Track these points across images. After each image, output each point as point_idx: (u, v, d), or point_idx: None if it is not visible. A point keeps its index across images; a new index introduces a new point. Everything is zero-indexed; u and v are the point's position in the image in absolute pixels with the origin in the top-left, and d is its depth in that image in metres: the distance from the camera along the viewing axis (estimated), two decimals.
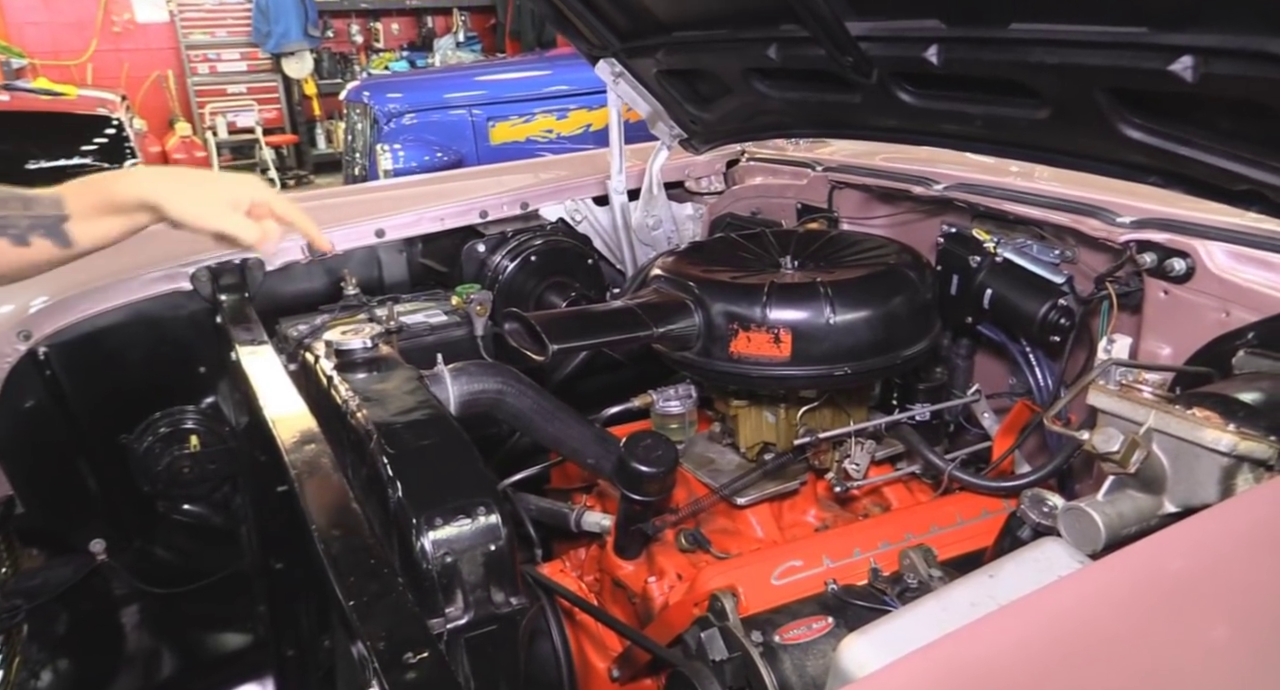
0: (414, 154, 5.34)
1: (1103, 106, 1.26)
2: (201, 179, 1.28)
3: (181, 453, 1.76)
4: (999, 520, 1.52)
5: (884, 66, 1.52)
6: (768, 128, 2.07)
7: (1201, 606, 0.72)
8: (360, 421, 1.23)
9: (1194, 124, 1.21)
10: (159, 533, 2.06)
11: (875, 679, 0.71)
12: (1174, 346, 1.41)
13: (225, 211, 1.25)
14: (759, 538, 1.60)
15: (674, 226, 2.39)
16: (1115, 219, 1.46)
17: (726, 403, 1.64)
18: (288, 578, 1.86)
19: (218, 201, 1.25)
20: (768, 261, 1.64)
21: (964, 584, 0.90)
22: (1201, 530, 0.81)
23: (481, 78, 5.68)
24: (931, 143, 1.66)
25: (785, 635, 1.14)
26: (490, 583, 1.06)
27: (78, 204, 1.20)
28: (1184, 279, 1.38)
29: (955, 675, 0.70)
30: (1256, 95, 1.06)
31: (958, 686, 0.69)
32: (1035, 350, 1.63)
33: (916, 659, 0.71)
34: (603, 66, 2.17)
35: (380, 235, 2.11)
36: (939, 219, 1.78)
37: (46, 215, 1.17)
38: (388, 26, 9.76)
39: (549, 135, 5.31)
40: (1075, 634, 0.70)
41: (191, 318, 1.98)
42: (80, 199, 1.20)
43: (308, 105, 9.60)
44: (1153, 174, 1.34)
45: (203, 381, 2.01)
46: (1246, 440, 1.01)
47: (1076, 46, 1.21)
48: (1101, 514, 1.03)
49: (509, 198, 2.24)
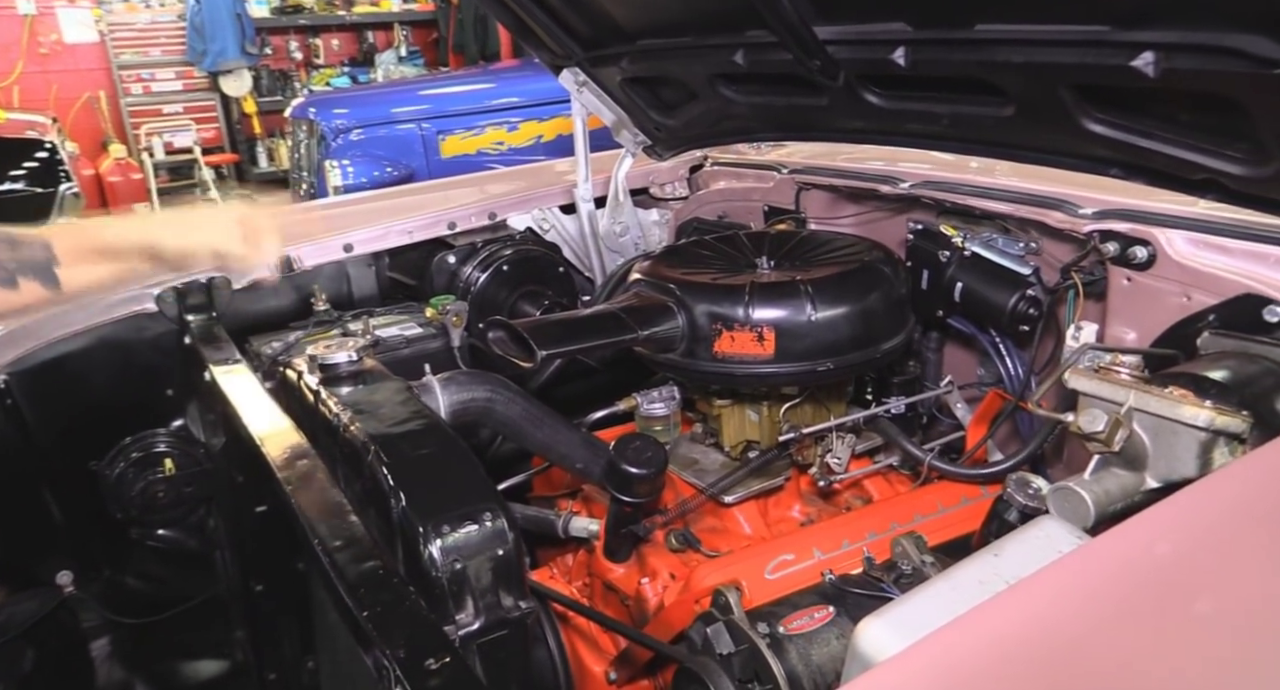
0: (363, 170, 5.29)
1: (1067, 102, 1.31)
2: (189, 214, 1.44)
3: (156, 477, 1.72)
4: (979, 506, 1.57)
5: (851, 69, 1.56)
6: (733, 132, 2.10)
7: (1195, 579, 0.76)
8: (355, 434, 1.22)
9: (1154, 117, 1.26)
10: (130, 561, 2.01)
11: (903, 658, 0.73)
12: (1138, 331, 1.47)
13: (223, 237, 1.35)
14: (747, 535, 1.62)
15: (640, 233, 2.41)
16: (1078, 211, 1.52)
17: (709, 403, 1.66)
18: (268, 600, 1.83)
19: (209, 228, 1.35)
20: (743, 262, 1.67)
21: (970, 564, 0.93)
22: (1191, 504, 0.84)
23: (429, 91, 5.66)
24: (898, 143, 1.70)
25: (789, 626, 1.16)
26: (499, 588, 1.07)
27: (68, 248, 1.23)
28: (1146, 266, 1.43)
29: (976, 652, 0.72)
30: (1215, 88, 1.11)
31: (979, 663, 0.71)
32: (1005, 340, 1.68)
33: (939, 638, 0.73)
34: (566, 76, 2.18)
35: (349, 250, 2.09)
36: (905, 216, 1.83)
37: (37, 259, 1.17)
38: (328, 42, 9.65)
39: (500, 147, 5.30)
40: (1082, 610, 0.73)
41: (157, 340, 1.94)
42: (70, 244, 1.23)
43: (247, 123, 9.44)
44: (1114, 166, 1.39)
45: (170, 404, 1.97)
46: (1222, 415, 1.06)
47: (1041, 45, 1.25)
48: (1089, 492, 1.08)
49: (476, 209, 2.24)
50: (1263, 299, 1.29)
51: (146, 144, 8.91)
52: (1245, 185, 1.23)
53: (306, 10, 9.40)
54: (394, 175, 5.30)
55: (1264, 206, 1.24)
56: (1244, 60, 1.04)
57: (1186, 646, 0.69)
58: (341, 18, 9.48)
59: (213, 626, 2.07)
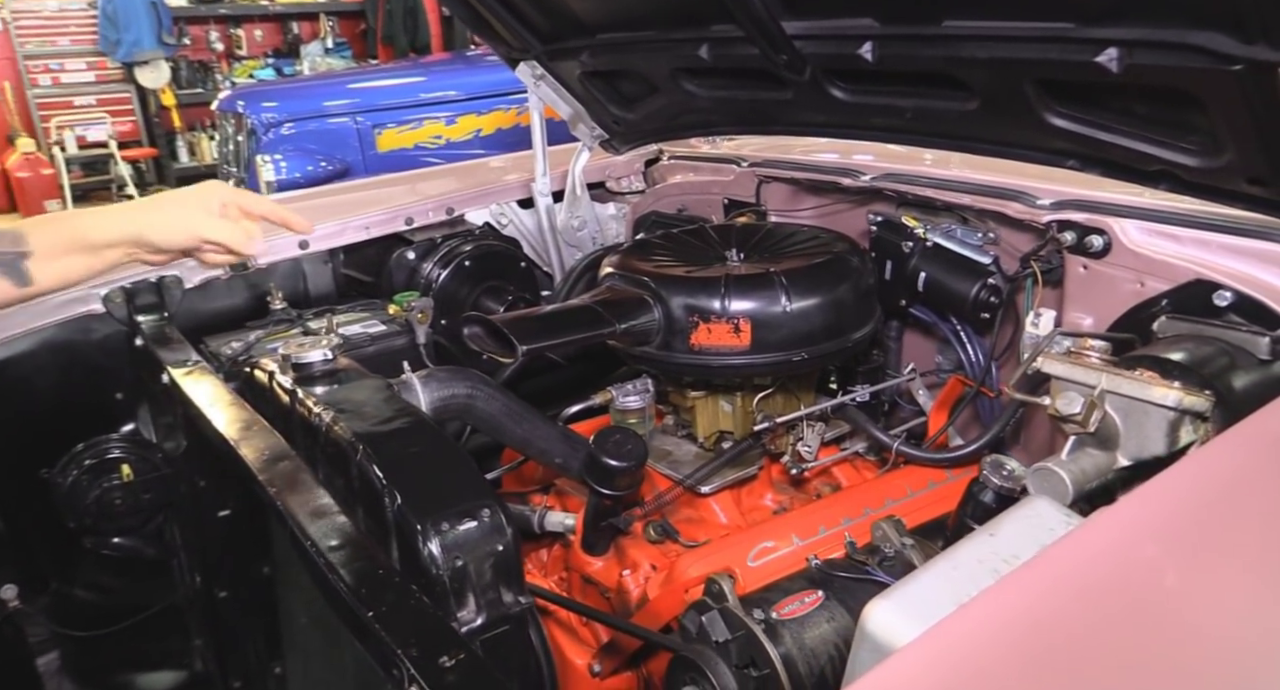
0: (297, 164, 5.16)
1: (1030, 97, 1.36)
2: (172, 197, 1.28)
3: (112, 483, 1.66)
4: (946, 489, 1.63)
5: (818, 63, 1.59)
6: (693, 126, 2.12)
7: (1190, 555, 0.80)
8: (340, 433, 1.20)
9: (1113, 111, 1.32)
10: (79, 571, 1.94)
11: (918, 645, 0.75)
12: (1095, 316, 1.53)
13: (209, 220, 1.24)
14: (723, 524, 1.64)
15: (597, 227, 2.41)
16: (1035, 201, 1.57)
17: (683, 395, 1.68)
18: (232, 605, 1.79)
19: (197, 213, 1.24)
20: (713, 255, 1.69)
21: (968, 544, 0.96)
22: (1176, 482, 0.89)
23: (363, 84, 5.54)
24: (860, 136, 1.74)
25: (781, 611, 1.19)
26: (499, 583, 1.06)
27: (40, 241, 1.16)
28: (1102, 254, 1.49)
29: (987, 637, 0.74)
30: (1176, 83, 1.17)
31: (991, 647, 0.73)
32: (965, 327, 1.73)
33: (950, 625, 0.76)
34: (523, 69, 2.17)
35: (304, 247, 2.05)
36: (865, 208, 1.87)
37: (5, 252, 1.12)
38: (250, 33, 9.36)
39: (438, 141, 5.23)
40: (1083, 594, 0.76)
41: (105, 342, 1.88)
42: (44, 236, 1.17)
43: (166, 116, 9.11)
44: (1072, 158, 1.45)
45: (121, 408, 1.91)
46: (1189, 395, 1.11)
47: (1008, 41, 1.30)
48: (1067, 472, 1.12)
49: (434, 204, 2.22)
50: (1212, 284, 1.35)
51: (57, 138, 8.53)
52: (1198, 176, 1.29)
53: (227, 0, 9.11)
54: (329, 170, 5.19)
55: (1215, 196, 1.30)
56: (1205, 56, 1.09)
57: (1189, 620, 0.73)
58: (265, 8, 9.21)
59: (169, 636, 2.01)
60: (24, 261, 1.13)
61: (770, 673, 1.12)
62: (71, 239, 1.17)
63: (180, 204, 1.25)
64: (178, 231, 1.23)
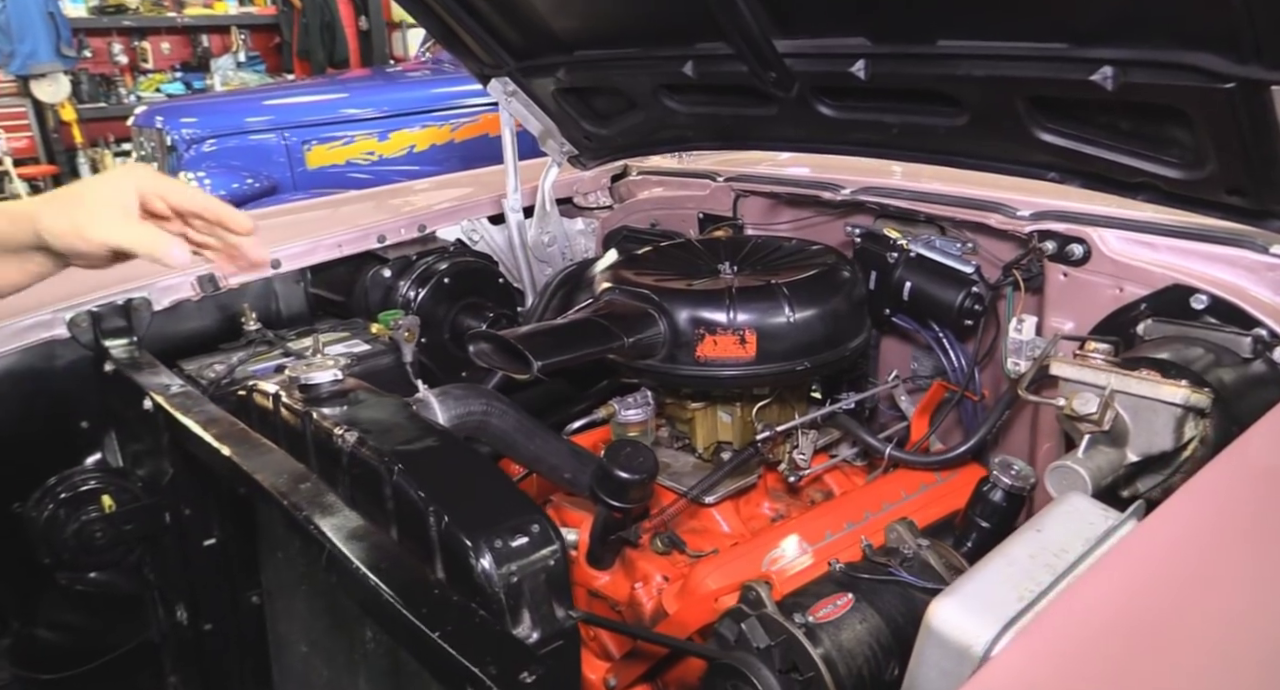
0: (221, 181, 5.00)
1: (1021, 113, 1.43)
2: (73, 192, 1.06)
3: (91, 516, 1.58)
4: (938, 490, 1.68)
5: (807, 81, 1.64)
6: (668, 142, 2.15)
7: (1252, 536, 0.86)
8: (369, 454, 1.18)
9: (1099, 126, 1.40)
10: (42, 611, 1.84)
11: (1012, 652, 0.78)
12: (1075, 321, 1.61)
13: (114, 223, 1.02)
14: (725, 533, 1.66)
15: (567, 242, 2.42)
16: (1015, 213, 1.65)
17: (682, 406, 1.69)
18: (217, 638, 1.72)
19: (101, 213, 1.02)
20: (706, 268, 1.71)
21: (1016, 540, 1.00)
22: (1221, 481, 0.95)
23: (290, 100, 5.40)
24: (843, 151, 1.79)
25: (816, 614, 1.21)
26: (552, 598, 1.06)
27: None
28: (1081, 262, 1.57)
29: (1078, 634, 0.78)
30: (1167, 100, 1.25)
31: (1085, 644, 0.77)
32: (947, 334, 1.79)
33: (1049, 615, 0.79)
34: (495, 85, 2.17)
35: (276, 266, 2.00)
36: (843, 221, 1.92)
37: None
38: (156, 45, 9.02)
39: (370, 158, 5.14)
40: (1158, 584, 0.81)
41: (71, 368, 1.79)
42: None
43: (66, 132, 8.68)
44: (1054, 171, 1.53)
45: (86, 437, 1.83)
46: (1194, 393, 1.18)
47: (1003, 60, 1.36)
48: (1085, 469, 1.18)
49: (406, 221, 2.19)
50: (1189, 288, 1.44)
51: None
52: (1179, 187, 1.38)
53: (131, 11, 8.77)
54: (256, 187, 5.04)
55: (1194, 206, 1.39)
56: (1199, 75, 1.17)
57: None
58: (172, 20, 8.89)
59: (139, 675, 1.92)
60: None
61: (815, 675, 1.14)
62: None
63: (79, 203, 1.03)
64: (75, 239, 1.01)
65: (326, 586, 1.44)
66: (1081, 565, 0.94)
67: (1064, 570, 0.95)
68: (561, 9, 1.88)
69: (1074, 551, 0.97)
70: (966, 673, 0.89)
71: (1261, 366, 1.33)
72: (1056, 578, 0.94)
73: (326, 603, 1.44)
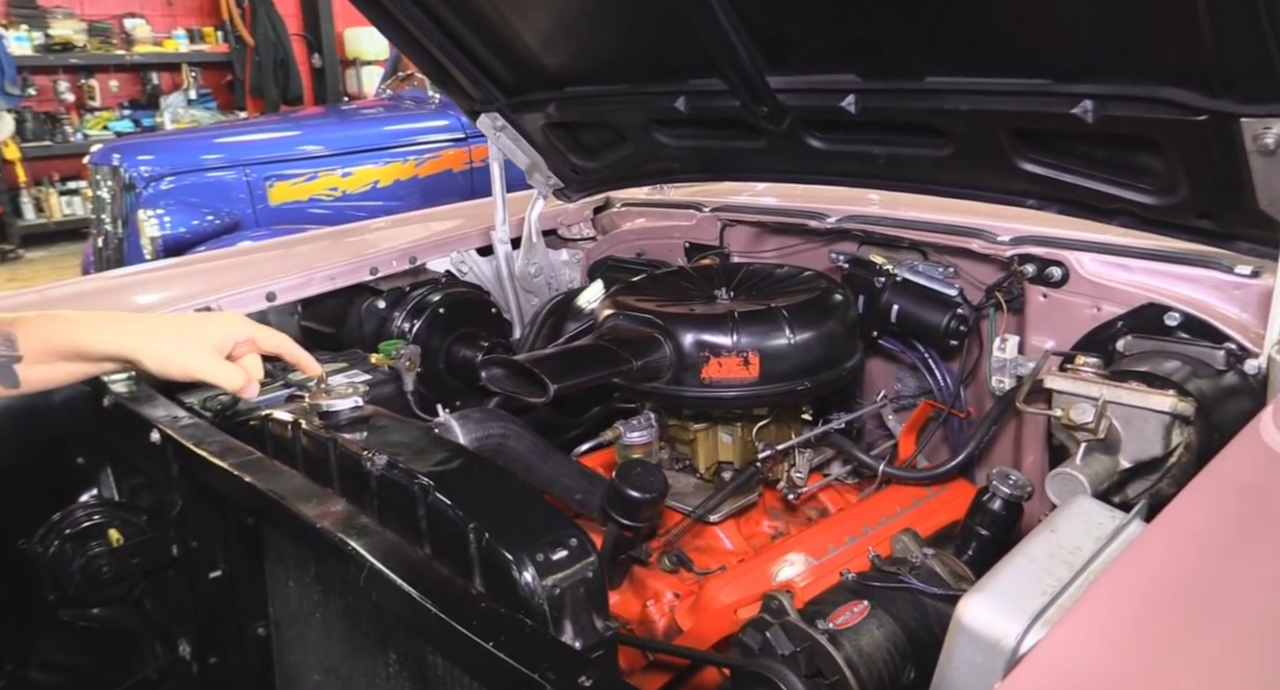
0: (181, 219, 4.96)
1: (1004, 144, 1.52)
2: (178, 326, 1.26)
3: (97, 550, 1.57)
4: (930, 505, 1.75)
5: (798, 115, 1.72)
6: (655, 174, 2.22)
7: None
8: (400, 476, 1.20)
9: (1077, 156, 1.50)
10: (36, 652, 1.81)
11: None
12: (1055, 339, 1.69)
13: (207, 359, 1.23)
14: (729, 550, 1.70)
15: (552, 273, 2.47)
16: (996, 238, 1.74)
17: (684, 428, 1.74)
18: (221, 671, 1.71)
19: (198, 349, 1.22)
20: (703, 294, 1.77)
21: (1033, 540, 1.06)
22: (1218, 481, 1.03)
23: (249, 137, 5.38)
24: (828, 182, 1.88)
25: (835, 621, 1.26)
26: (592, 609, 1.09)
27: (32, 345, 1.14)
28: (1060, 283, 1.67)
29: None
30: (1142, 132, 1.35)
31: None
32: (932, 354, 1.88)
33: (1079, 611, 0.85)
34: (484, 120, 2.22)
35: (271, 299, 2.01)
36: (828, 248, 2.00)
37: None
38: (104, 83, 8.92)
39: (334, 194, 5.14)
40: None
41: (67, 403, 1.78)
42: (36, 340, 1.15)
43: (10, 171, 8.53)
44: (1033, 198, 1.62)
45: (82, 473, 1.81)
46: (1180, 401, 1.27)
47: (988, 95, 1.46)
48: (1084, 475, 1.26)
49: (397, 253, 2.22)
50: (1163, 307, 1.54)
51: None
52: (1152, 212, 1.48)
53: (78, 49, 8.67)
54: (217, 224, 5.01)
55: (1167, 230, 1.49)
56: (1173, 108, 1.27)
57: None
58: (120, 57, 8.81)
59: None
60: (15, 364, 1.11)
61: (840, 679, 1.18)
62: (64, 346, 1.16)
63: (181, 337, 1.22)
64: (171, 365, 1.20)
65: (344, 612, 1.45)
66: (1096, 561, 1.01)
67: (1080, 566, 1.01)
68: (553, 46, 1.94)
69: (1088, 549, 1.03)
70: (999, 665, 0.95)
71: (1234, 378, 1.42)
72: (1075, 574, 1.00)
73: (345, 629, 1.45)
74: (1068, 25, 1.28)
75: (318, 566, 1.47)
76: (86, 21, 8.72)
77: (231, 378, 1.24)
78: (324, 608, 1.50)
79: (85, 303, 2.12)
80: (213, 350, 1.23)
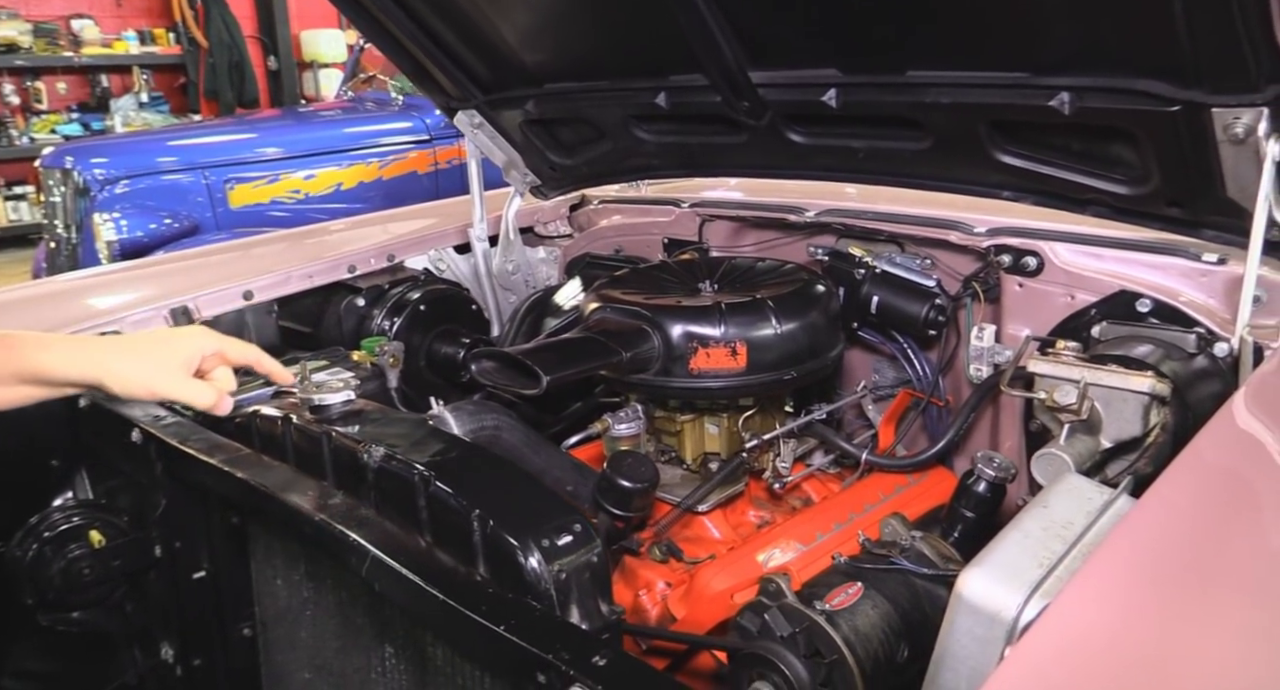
0: (138, 222, 4.87)
1: (982, 137, 1.56)
2: (142, 346, 1.23)
3: (78, 552, 1.54)
4: (912, 491, 1.78)
5: (779, 110, 1.74)
6: (634, 170, 2.24)
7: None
8: (399, 468, 1.20)
9: (1053, 148, 1.54)
10: (10, 660, 1.77)
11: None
12: (1031, 327, 1.74)
13: (174, 378, 1.21)
14: (717, 540, 1.72)
15: (529, 270, 2.47)
16: (973, 230, 1.78)
17: (671, 419, 1.76)
18: (205, 673, 1.68)
19: (163, 368, 1.20)
20: (688, 287, 1.79)
21: (1027, 516, 1.09)
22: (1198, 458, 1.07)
23: (208, 139, 5.29)
24: (808, 176, 1.91)
25: (831, 603, 1.28)
26: (596, 593, 1.10)
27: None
28: (1035, 273, 1.71)
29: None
30: (1117, 123, 1.39)
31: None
32: (911, 344, 1.91)
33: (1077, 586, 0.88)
34: (461, 117, 2.22)
35: (249, 297, 1.99)
36: (806, 242, 2.03)
37: None
38: (52, 86, 8.70)
39: (296, 196, 5.07)
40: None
41: (41, 406, 1.73)
42: None
43: None
44: (1009, 189, 1.67)
45: (57, 475, 1.78)
46: (1158, 383, 1.31)
47: (967, 88, 1.49)
48: (1068, 455, 1.29)
49: (375, 251, 2.21)
50: (1135, 294, 1.59)
51: None
52: (1125, 202, 1.53)
53: (24, 51, 8.46)
54: (176, 228, 4.92)
55: (1138, 219, 1.54)
56: (1147, 99, 1.31)
57: None
58: (68, 60, 8.60)
59: None
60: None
61: (839, 658, 1.21)
62: (25, 369, 1.14)
63: (145, 357, 1.19)
64: (136, 386, 1.18)
65: (337, 608, 1.44)
66: (1089, 535, 1.04)
67: (1074, 540, 1.04)
68: (533, 42, 1.95)
69: (1079, 523, 1.06)
70: (999, 636, 0.98)
71: (1205, 361, 1.47)
72: (1068, 546, 1.03)
73: (338, 625, 1.44)
74: (1046, 19, 1.32)
75: (308, 563, 1.46)
76: (32, 22, 8.50)
77: (201, 395, 1.22)
78: (315, 604, 1.49)
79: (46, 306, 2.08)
80: (179, 368, 1.21)
